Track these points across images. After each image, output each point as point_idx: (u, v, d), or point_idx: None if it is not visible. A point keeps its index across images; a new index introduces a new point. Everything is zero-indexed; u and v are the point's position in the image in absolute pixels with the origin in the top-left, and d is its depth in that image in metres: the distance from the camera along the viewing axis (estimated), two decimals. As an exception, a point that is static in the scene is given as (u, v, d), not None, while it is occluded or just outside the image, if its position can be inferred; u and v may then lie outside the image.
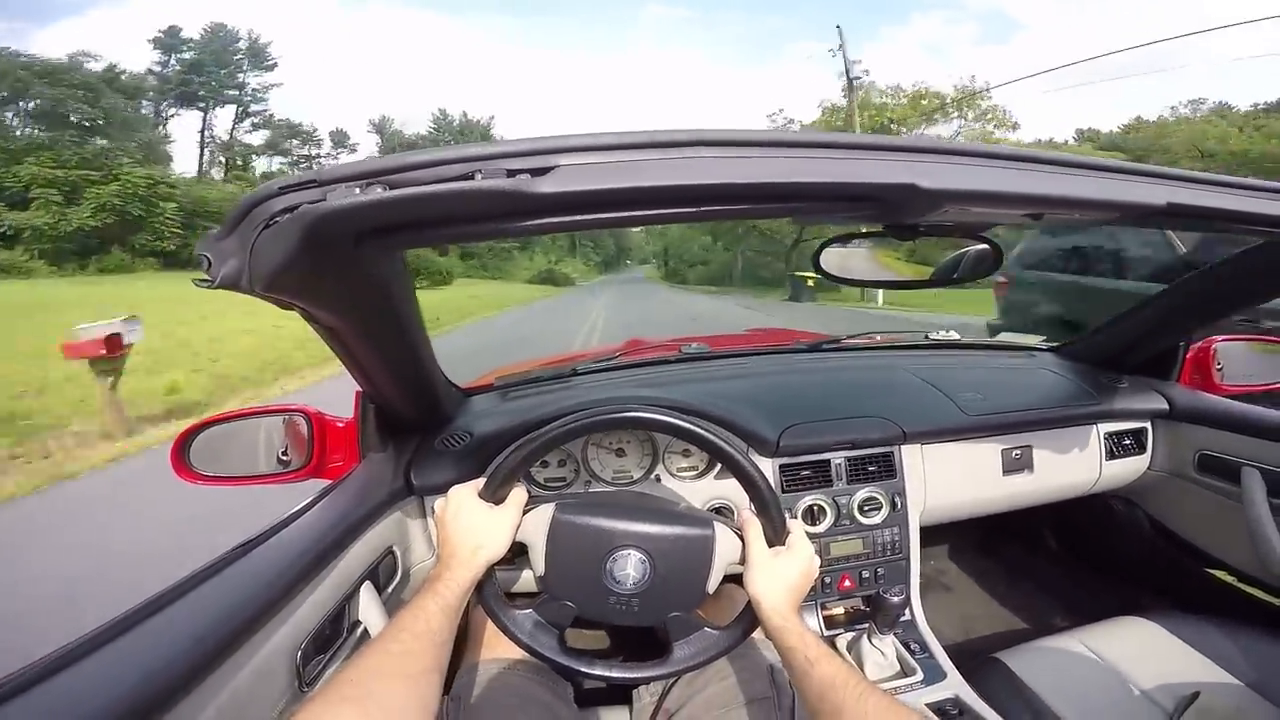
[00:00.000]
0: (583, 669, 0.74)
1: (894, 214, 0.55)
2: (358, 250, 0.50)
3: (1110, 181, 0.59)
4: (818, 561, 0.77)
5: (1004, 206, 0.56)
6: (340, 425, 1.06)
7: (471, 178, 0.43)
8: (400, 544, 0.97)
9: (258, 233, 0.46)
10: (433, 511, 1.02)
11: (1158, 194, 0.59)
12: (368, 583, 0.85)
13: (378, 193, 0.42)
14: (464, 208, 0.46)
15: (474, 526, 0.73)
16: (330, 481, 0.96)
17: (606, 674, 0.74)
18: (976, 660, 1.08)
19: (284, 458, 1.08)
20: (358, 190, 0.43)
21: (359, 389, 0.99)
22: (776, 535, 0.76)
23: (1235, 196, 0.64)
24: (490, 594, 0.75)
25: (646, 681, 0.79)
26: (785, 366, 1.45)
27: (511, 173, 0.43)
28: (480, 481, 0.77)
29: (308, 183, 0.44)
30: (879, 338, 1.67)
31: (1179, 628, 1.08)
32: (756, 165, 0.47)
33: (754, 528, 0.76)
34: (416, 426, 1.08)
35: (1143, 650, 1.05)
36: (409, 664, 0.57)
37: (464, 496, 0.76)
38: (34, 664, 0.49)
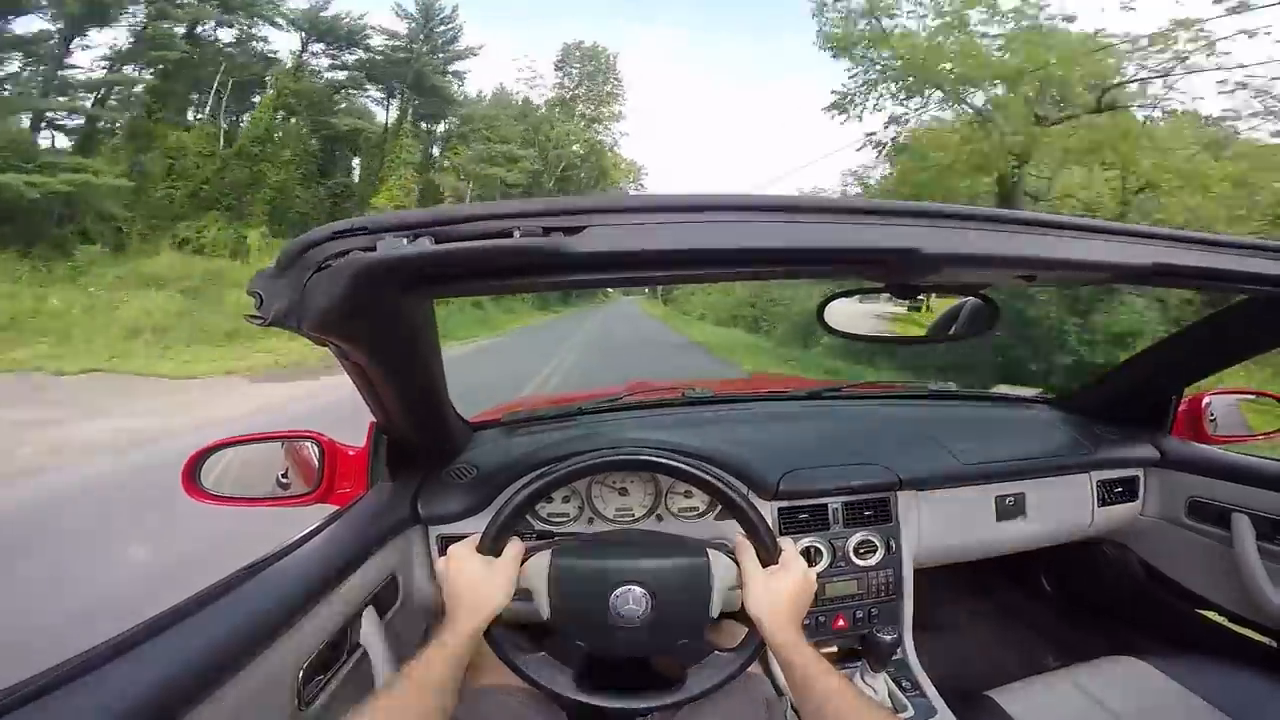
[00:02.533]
0: (601, 704, 0.76)
1: (896, 275, 0.59)
2: (401, 297, 0.53)
3: (1098, 243, 0.62)
4: (813, 577, 0.80)
5: (999, 268, 0.60)
6: (351, 453, 1.09)
7: (510, 235, 0.46)
8: (403, 571, 0.99)
9: (310, 275, 0.48)
10: (438, 543, 1.04)
11: (1144, 254, 0.62)
12: (370, 607, 0.87)
13: (425, 245, 0.46)
14: (503, 262, 0.49)
15: (475, 581, 0.75)
16: (338, 507, 0.98)
17: (626, 706, 0.76)
18: (968, 699, 1.08)
19: (286, 480, 1.10)
20: (405, 241, 0.46)
21: (373, 420, 1.01)
22: (769, 555, 0.79)
23: (1222, 255, 0.67)
24: (502, 641, 0.77)
25: (666, 708, 0.80)
26: (786, 412, 1.48)
27: (547, 230, 0.46)
28: (476, 538, 0.80)
29: (359, 229, 0.48)
30: (879, 387, 1.72)
31: (1170, 667, 1.08)
32: (770, 230, 0.51)
33: (746, 550, 0.79)
34: (425, 458, 1.10)
35: (1134, 689, 1.06)
36: (409, 715, 0.62)
37: (464, 553, 0.78)
38: (37, 677, 0.50)
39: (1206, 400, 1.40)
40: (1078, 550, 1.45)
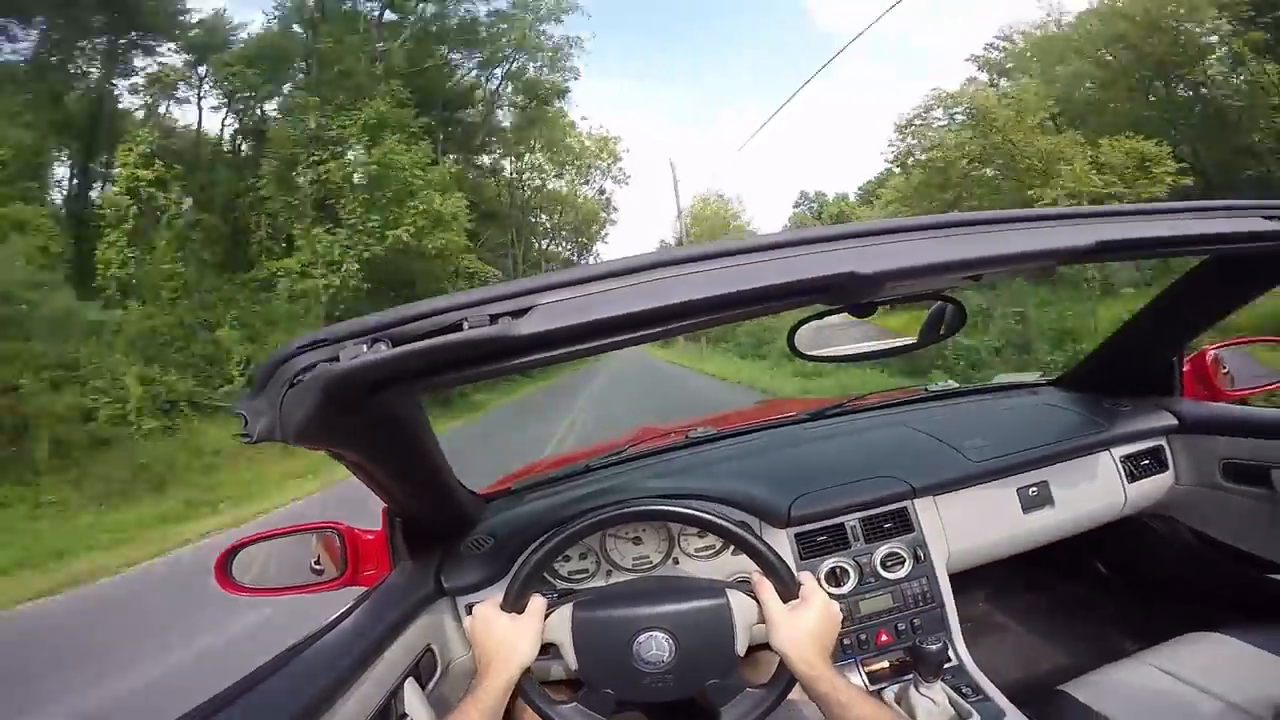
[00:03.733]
0: None
1: (843, 299, 0.60)
2: (372, 399, 0.56)
3: (1038, 231, 0.63)
4: (836, 607, 0.80)
5: (942, 274, 0.60)
6: (370, 537, 1.12)
7: (460, 327, 0.48)
8: (438, 642, 1.01)
9: (283, 392, 0.51)
10: (467, 612, 1.06)
11: (1086, 235, 0.63)
12: (410, 679, 0.89)
13: (381, 350, 0.48)
14: (457, 355, 0.51)
15: (502, 638, 0.78)
16: (366, 589, 1.01)
17: None
18: (1040, 696, 1.04)
19: (317, 568, 1.14)
20: (365, 348, 0.49)
21: (384, 506, 1.05)
22: (788, 590, 0.80)
23: (1163, 222, 0.68)
24: (533, 694, 0.79)
25: None
26: (791, 438, 1.47)
27: (494, 317, 0.49)
28: (499, 597, 0.83)
29: (319, 342, 0.51)
30: (880, 397, 1.70)
31: (1252, 638, 1.03)
32: (715, 277, 0.53)
33: (765, 588, 0.80)
34: (442, 534, 1.13)
35: (1219, 665, 1.00)
36: None
37: (489, 612, 0.82)
38: None
39: (1212, 355, 1.37)
40: (1125, 529, 1.41)
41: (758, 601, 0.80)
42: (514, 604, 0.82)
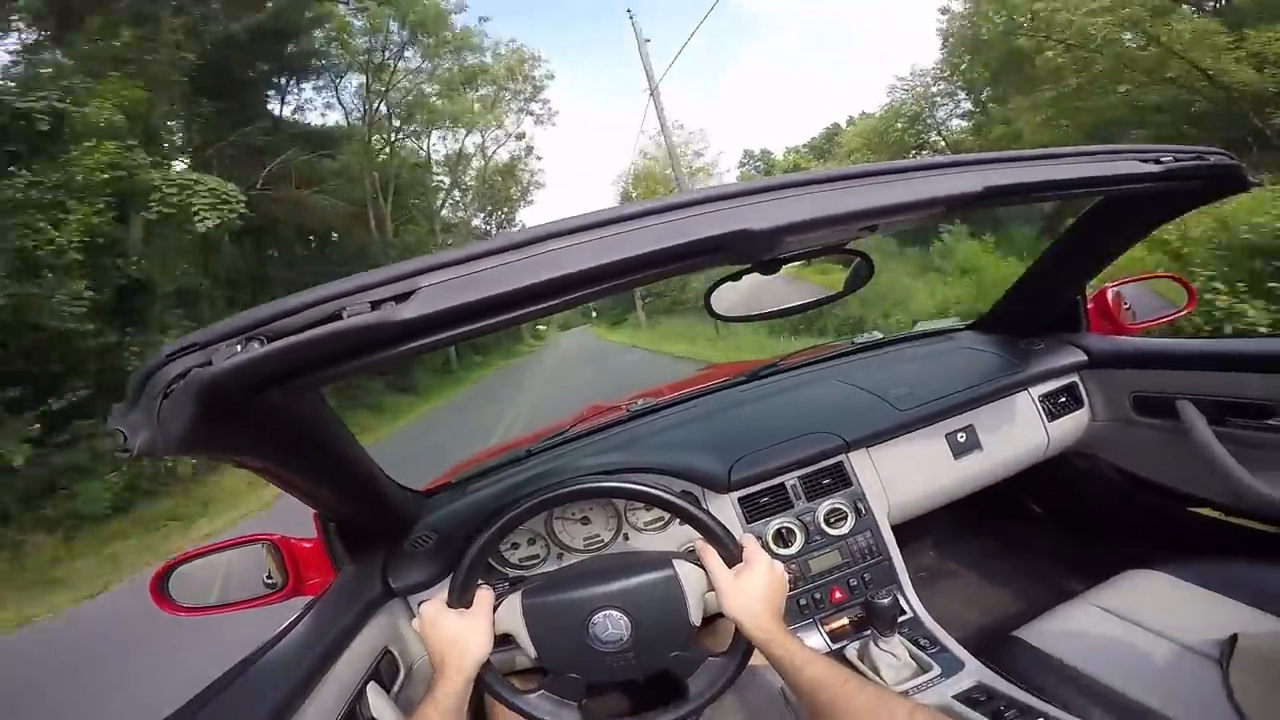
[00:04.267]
0: None
1: (741, 257, 0.61)
2: (258, 401, 0.53)
3: (927, 180, 0.64)
4: (780, 567, 0.81)
5: (837, 226, 0.60)
6: (308, 545, 1.09)
7: (339, 316, 0.46)
8: (396, 644, 1.00)
9: (158, 403, 0.48)
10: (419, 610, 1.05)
11: (973, 181, 0.65)
12: (373, 683, 0.88)
13: (256, 348, 0.46)
14: (338, 346, 0.49)
15: (452, 634, 0.77)
16: (313, 597, 0.99)
17: None
18: (996, 643, 1.08)
19: (270, 581, 1.11)
20: (239, 348, 0.46)
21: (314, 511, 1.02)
22: (731, 555, 0.80)
23: (1047, 167, 0.71)
24: (498, 686, 0.79)
25: None
26: (729, 402, 1.49)
27: (375, 304, 0.47)
28: (445, 594, 0.82)
29: (189, 346, 0.48)
30: (811, 353, 1.73)
31: (1189, 573, 1.08)
32: (605, 245, 0.52)
33: (710, 555, 0.80)
34: (382, 534, 1.10)
35: (1161, 601, 1.05)
36: None
37: (435, 609, 0.80)
38: None
39: (1113, 292, 1.44)
40: (1054, 469, 1.46)
41: (704, 570, 0.80)
42: (460, 599, 0.80)
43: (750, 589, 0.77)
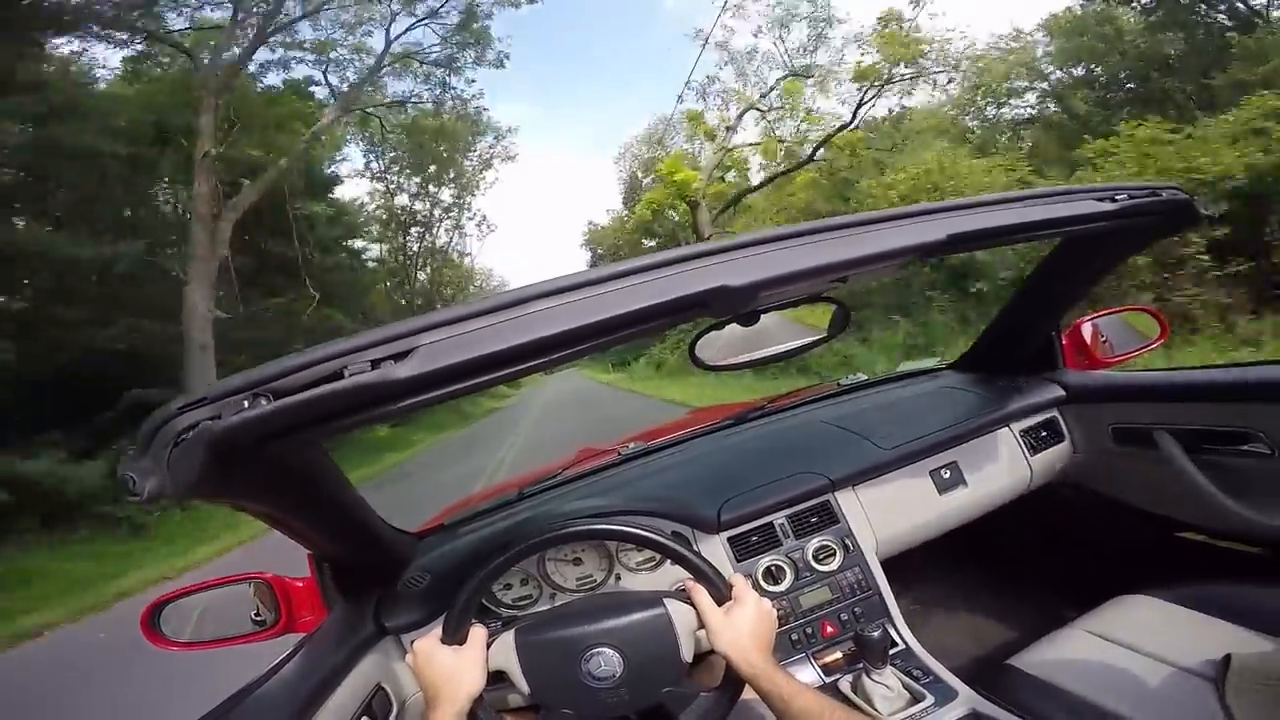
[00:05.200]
0: None
1: (721, 311, 0.63)
2: (263, 452, 0.55)
3: (895, 230, 0.68)
4: (768, 604, 0.83)
5: (809, 279, 0.64)
6: (300, 584, 1.10)
7: (341, 375, 0.49)
8: (389, 680, 1.00)
9: (169, 451, 0.51)
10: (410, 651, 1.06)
11: (937, 229, 0.68)
12: (365, 718, 0.88)
13: (263, 405, 0.49)
14: (340, 404, 0.52)
15: (446, 670, 0.78)
16: (305, 634, 0.99)
17: None
18: (990, 672, 1.08)
19: (258, 618, 1.12)
20: (246, 404, 0.49)
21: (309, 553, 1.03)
22: (720, 593, 0.82)
23: (1007, 211, 0.75)
24: None
25: None
26: (718, 444, 1.51)
27: (375, 363, 0.49)
28: (439, 630, 0.83)
29: (199, 400, 0.51)
30: (797, 396, 1.76)
31: (1178, 596, 1.09)
32: (591, 304, 0.55)
33: (700, 593, 0.82)
34: (375, 574, 1.10)
35: (1153, 625, 1.06)
36: None
37: (429, 646, 0.81)
38: None
39: (1088, 327, 1.48)
40: (1040, 501, 1.48)
41: (694, 608, 0.82)
42: (454, 635, 0.82)
43: (739, 626, 0.78)
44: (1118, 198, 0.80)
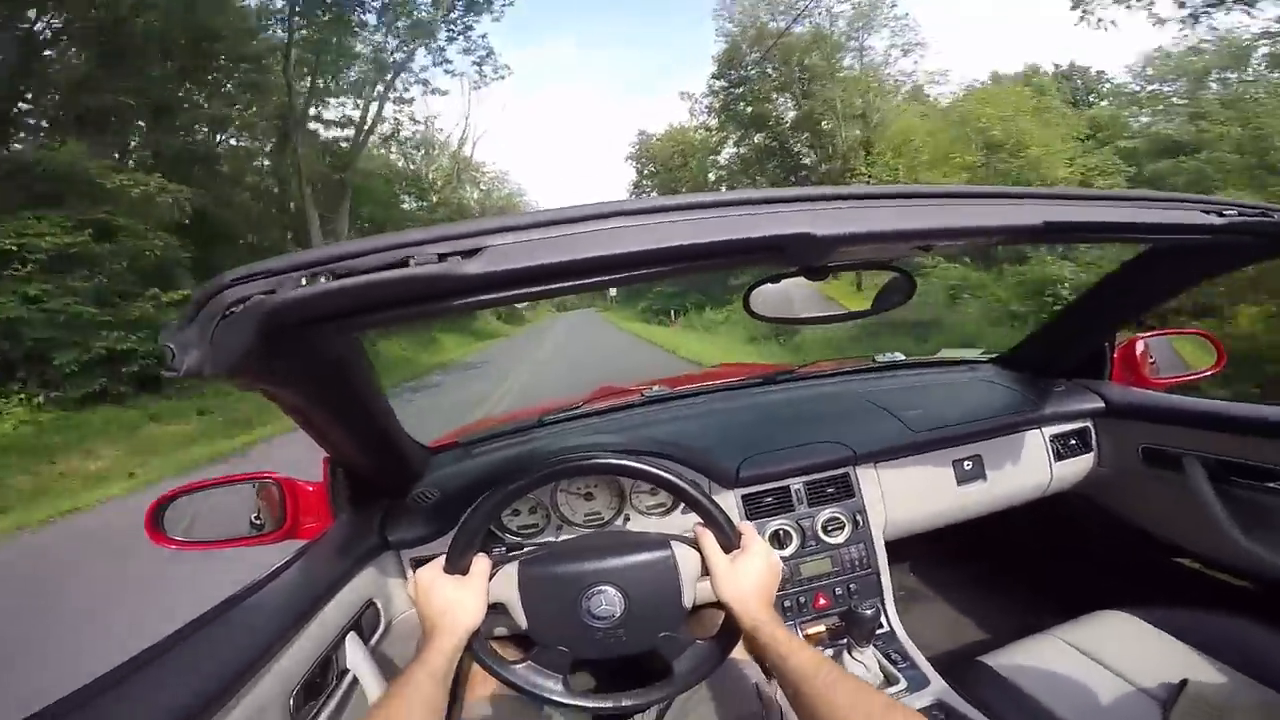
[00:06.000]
0: (592, 705, 0.78)
1: (795, 260, 0.60)
2: (310, 336, 0.54)
3: (989, 208, 0.64)
4: (776, 556, 0.82)
5: (894, 242, 0.61)
6: (310, 489, 1.10)
7: (406, 264, 0.47)
8: (380, 596, 1.01)
9: (215, 324, 0.49)
10: (411, 566, 1.05)
11: (1034, 214, 0.65)
12: (352, 633, 0.89)
13: (322, 283, 0.47)
14: (402, 292, 0.50)
15: (446, 601, 0.76)
16: (306, 541, 0.99)
17: (618, 705, 0.78)
18: (961, 666, 1.10)
19: (257, 521, 1.11)
20: (304, 281, 0.47)
21: (326, 455, 1.02)
22: (728, 541, 0.80)
23: (1107, 208, 0.71)
24: (485, 656, 0.79)
25: (659, 702, 0.82)
26: (743, 401, 1.50)
27: (442, 256, 0.48)
28: (443, 558, 0.81)
29: (258, 274, 0.49)
30: (830, 365, 1.74)
31: (1156, 618, 1.10)
32: (667, 229, 0.53)
33: (707, 538, 0.80)
34: (385, 486, 1.11)
35: (1125, 642, 1.07)
36: None
37: (432, 574, 0.80)
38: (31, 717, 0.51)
39: (1141, 344, 1.44)
40: (1050, 507, 1.48)
41: (700, 553, 0.80)
42: (457, 565, 0.80)
43: (744, 575, 0.77)
44: (1226, 212, 0.75)
